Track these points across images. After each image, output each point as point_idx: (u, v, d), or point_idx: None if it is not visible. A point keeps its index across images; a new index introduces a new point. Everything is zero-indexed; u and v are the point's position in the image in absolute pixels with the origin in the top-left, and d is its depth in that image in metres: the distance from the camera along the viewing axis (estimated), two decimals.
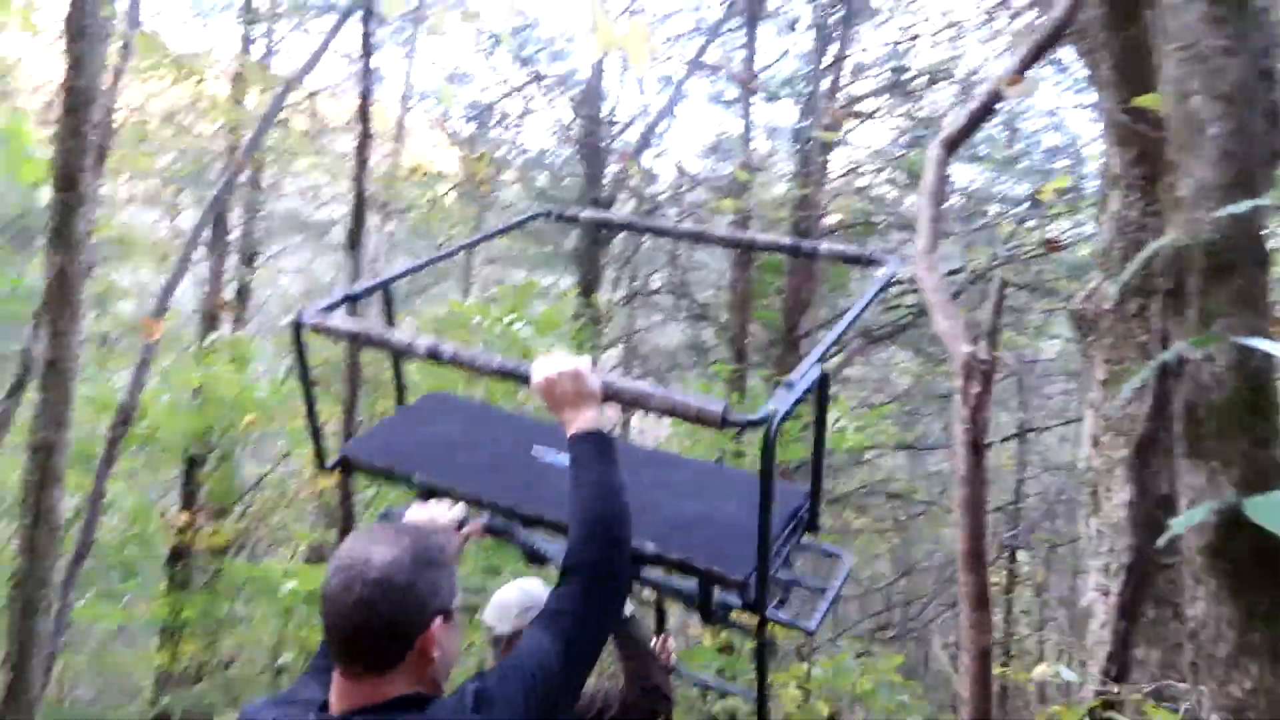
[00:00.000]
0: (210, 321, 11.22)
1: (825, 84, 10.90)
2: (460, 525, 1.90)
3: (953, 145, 1.52)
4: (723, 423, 1.63)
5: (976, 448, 1.28)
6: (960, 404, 1.30)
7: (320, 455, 2.24)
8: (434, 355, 1.84)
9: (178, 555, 8.68)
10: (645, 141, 12.28)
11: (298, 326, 1.99)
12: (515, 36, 11.60)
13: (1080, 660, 4.68)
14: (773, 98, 12.59)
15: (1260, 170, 1.39)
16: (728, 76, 10.28)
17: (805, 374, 1.75)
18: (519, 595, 2.62)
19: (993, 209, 11.18)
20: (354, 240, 4.15)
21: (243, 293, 12.33)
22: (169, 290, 4.02)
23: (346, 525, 3.66)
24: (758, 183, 12.33)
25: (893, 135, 11.77)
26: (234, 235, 11.87)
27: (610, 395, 1.76)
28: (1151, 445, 3.12)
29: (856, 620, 10.70)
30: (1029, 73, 1.50)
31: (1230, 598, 1.26)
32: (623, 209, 11.53)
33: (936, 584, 10.75)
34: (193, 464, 9.51)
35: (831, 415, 9.22)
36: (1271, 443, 1.30)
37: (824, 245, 2.74)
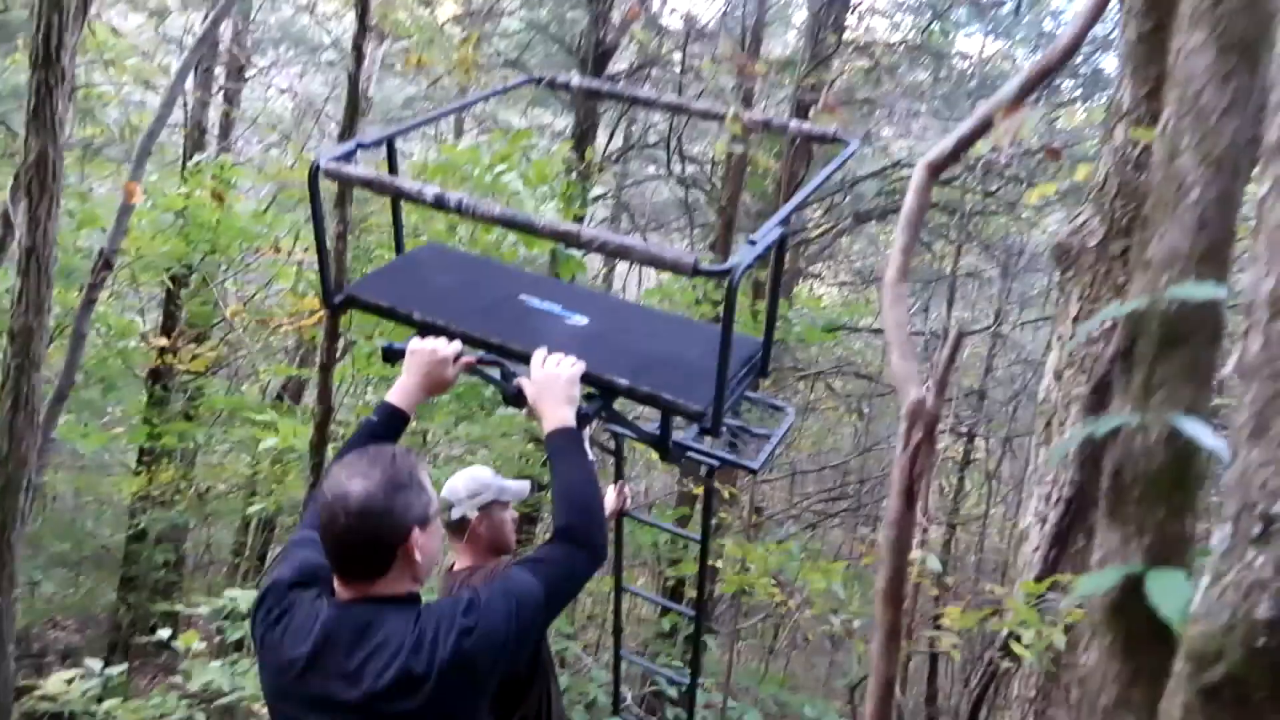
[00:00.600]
0: (198, 137, 10.92)
1: None
2: (456, 357, 2.15)
3: (937, 170, 1.50)
4: (693, 271, 1.85)
5: (910, 496, 1.34)
6: (899, 448, 1.36)
7: (328, 292, 2.42)
8: (439, 203, 2.01)
9: (156, 376, 8.79)
10: None
11: (314, 171, 2.15)
12: None
13: (1010, 578, 4.96)
14: None
15: (1231, 243, 1.40)
16: None
17: (767, 233, 1.99)
18: (467, 482, 2.85)
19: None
20: (358, 56, 3.99)
21: (230, 104, 11.95)
22: (150, 139, 3.90)
23: (328, 361, 3.73)
24: (770, 36, 11.86)
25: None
26: (223, 46, 11.38)
27: (596, 247, 1.98)
28: (1108, 388, 3.21)
29: (813, 495, 11.12)
30: (1028, 101, 1.47)
31: (1121, 655, 1.36)
32: (626, 55, 11.11)
33: (887, 467, 11.12)
34: (174, 285, 9.49)
35: (806, 293, 9.37)
36: (1185, 516, 1.36)
37: (793, 123, 2.95)
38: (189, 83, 10.58)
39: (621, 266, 12.66)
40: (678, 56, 10.04)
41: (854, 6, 10.30)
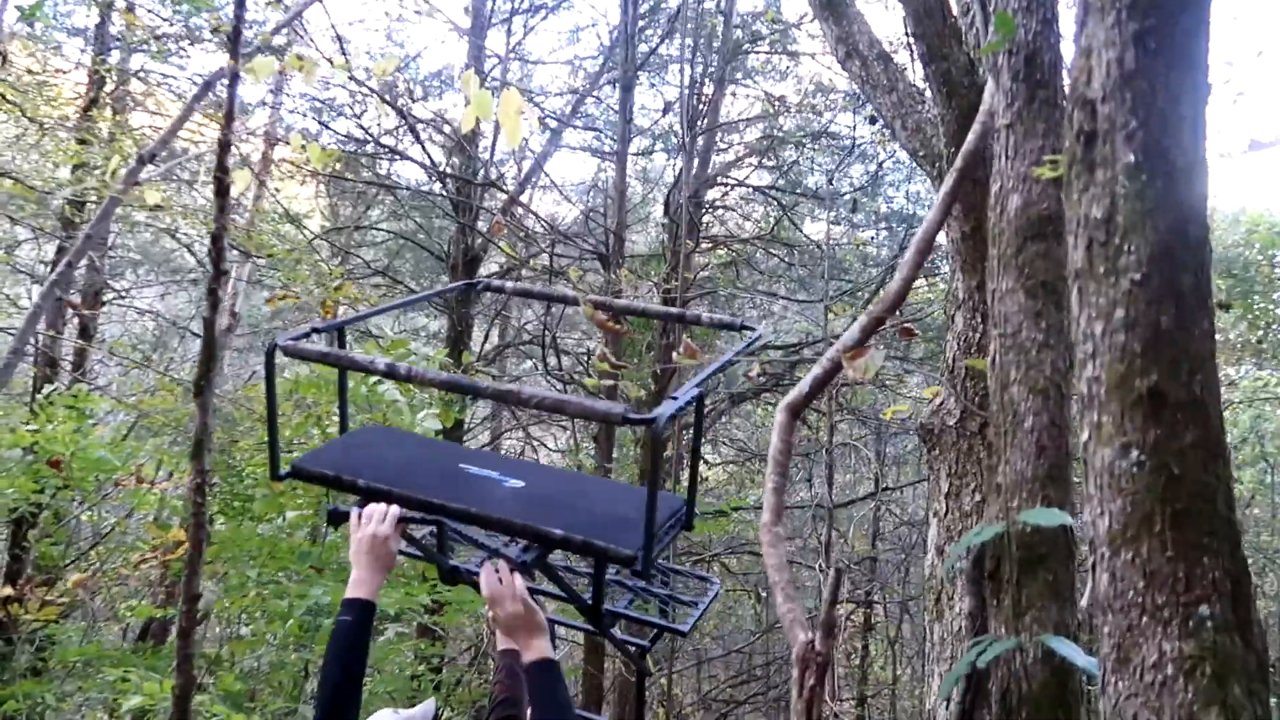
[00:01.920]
0: (50, 366, 10.47)
1: (700, 142, 11.16)
2: (399, 520, 2.27)
3: (796, 411, 1.59)
4: (622, 420, 2.03)
5: None
6: (794, 695, 1.36)
7: (275, 466, 2.59)
8: (391, 372, 2.20)
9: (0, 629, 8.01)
10: (521, 188, 12.26)
11: (271, 349, 2.34)
12: (391, 76, 11.37)
13: None
14: (646, 153, 12.81)
15: (1072, 463, 1.51)
16: None
17: (687, 391, 2.19)
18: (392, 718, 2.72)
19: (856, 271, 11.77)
20: (213, 301, 3.95)
21: (85, 331, 11.58)
22: (5, 374, 3.73)
23: (188, 626, 3.47)
24: (631, 234, 12.49)
25: (760, 197, 12.17)
26: (79, 273, 11.14)
27: (534, 404, 2.12)
28: (999, 578, 3.31)
29: (722, 681, 10.86)
30: (870, 344, 1.58)
31: None
32: (490, 264, 11.48)
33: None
34: (19, 525, 8.83)
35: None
36: None
37: (705, 314, 3.18)
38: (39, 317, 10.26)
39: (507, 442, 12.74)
40: (544, 259, 10.41)
41: (708, 206, 11.04)
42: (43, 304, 4.09)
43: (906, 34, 5.05)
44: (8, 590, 7.69)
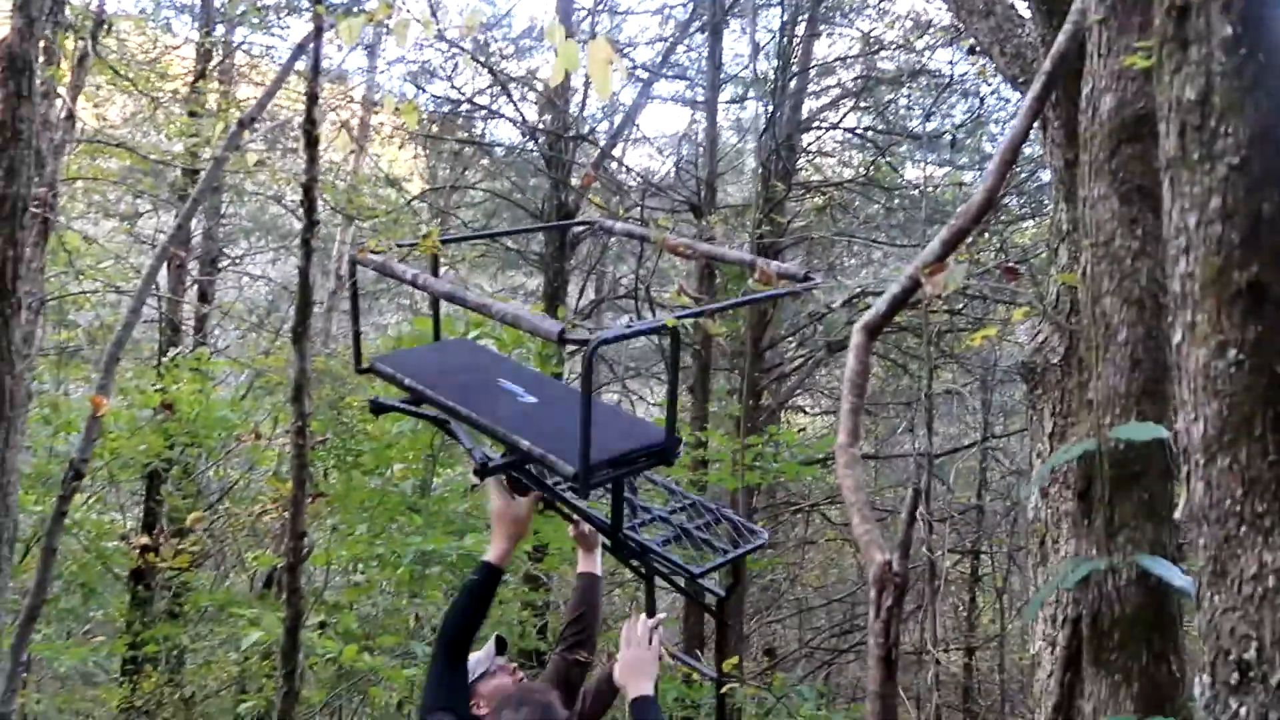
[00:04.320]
0: (172, 331, 11.05)
1: (792, 85, 10.89)
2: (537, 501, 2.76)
3: (874, 331, 1.54)
4: (559, 339, 2.14)
5: (889, 662, 1.31)
6: (871, 615, 1.33)
7: (358, 361, 2.94)
8: (413, 282, 2.53)
9: (139, 576, 8.59)
10: (613, 142, 12.21)
11: (353, 262, 2.71)
12: (481, 34, 11.44)
13: (1028, 707, 4.78)
14: (738, 100, 12.58)
15: (1169, 377, 1.42)
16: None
17: (645, 324, 2.37)
18: (473, 655, 2.87)
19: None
20: (307, 251, 4.08)
21: (204, 297, 12.15)
22: (118, 347, 3.96)
23: (294, 560, 3.64)
24: (724, 184, 12.34)
25: (856, 141, 11.83)
26: (195, 240, 11.69)
27: (496, 315, 2.34)
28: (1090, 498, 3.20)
29: (825, 630, 10.83)
30: (949, 261, 1.52)
31: None
32: (586, 216, 11.50)
33: None
34: (152, 480, 9.40)
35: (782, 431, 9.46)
36: (1170, 658, 1.33)
37: (773, 264, 3.30)
38: (162, 281, 10.82)
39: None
40: (636, 212, 10.39)
41: (802, 150, 10.79)
42: (156, 265, 4.30)
43: None
44: (145, 540, 8.22)
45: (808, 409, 12.43)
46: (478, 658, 2.97)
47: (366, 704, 7.33)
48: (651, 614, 3.37)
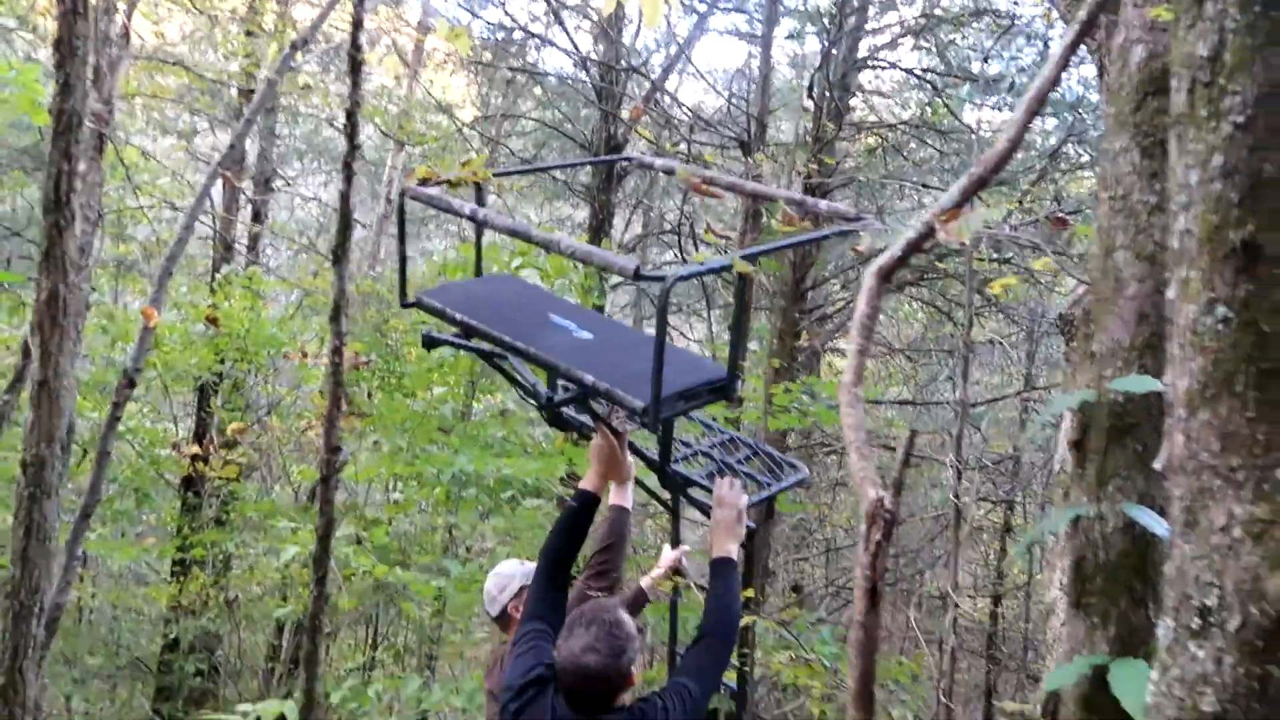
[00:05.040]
0: (225, 249, 11.28)
1: (851, 21, 10.62)
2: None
3: (887, 275, 1.57)
4: (635, 276, 2.18)
5: (873, 594, 1.37)
6: (860, 549, 1.39)
7: (403, 294, 2.97)
8: (472, 216, 2.53)
9: (189, 483, 8.94)
10: (665, 75, 12.05)
11: (403, 194, 2.70)
12: None
13: (1041, 654, 4.83)
14: (795, 36, 12.29)
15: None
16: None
17: (714, 263, 2.39)
18: (496, 581, 3.14)
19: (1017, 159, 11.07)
20: (348, 174, 4.14)
21: (257, 216, 12.36)
22: (171, 261, 4.09)
23: (328, 474, 3.78)
24: (776, 121, 12.14)
25: (914, 82, 11.54)
26: (250, 160, 11.84)
27: (567, 252, 2.36)
28: (1085, 447, 3.23)
29: (850, 571, 10.93)
30: (966, 209, 1.53)
31: None
32: (634, 149, 11.43)
33: (923, 539, 10.98)
34: (203, 393, 9.71)
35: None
36: (1148, 604, 1.37)
37: (824, 203, 3.23)
38: (217, 198, 11.02)
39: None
40: (683, 147, 10.29)
41: (857, 89, 10.57)
42: (209, 182, 4.40)
43: None
44: (195, 449, 8.54)
45: (849, 354, 12.37)
46: (525, 570, 3.11)
47: (400, 615, 7.63)
48: (676, 545, 3.48)
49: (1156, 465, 1.17)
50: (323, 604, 3.19)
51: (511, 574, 3.14)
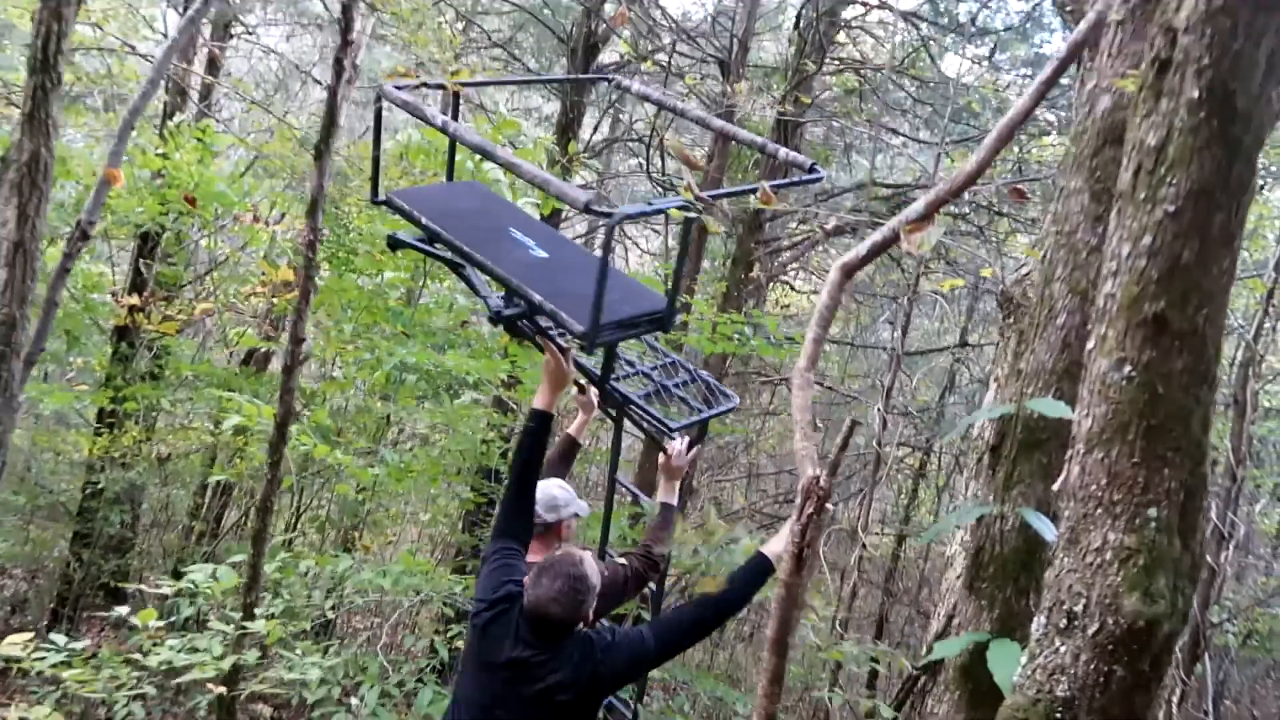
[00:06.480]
0: (179, 96, 10.87)
1: None
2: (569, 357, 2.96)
3: (849, 272, 1.71)
4: (584, 208, 2.27)
5: (800, 559, 1.55)
6: (793, 519, 1.56)
7: (375, 191, 3.03)
8: (443, 128, 2.56)
9: (123, 333, 8.83)
10: None
11: (379, 95, 2.77)
12: None
13: (939, 595, 5.21)
14: None
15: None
16: None
17: (662, 204, 2.47)
18: (567, 496, 3.20)
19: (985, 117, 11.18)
20: (338, 70, 4.10)
21: (213, 66, 11.88)
22: (134, 114, 4.00)
23: (291, 364, 3.86)
24: (758, 43, 12.00)
25: (900, 23, 11.47)
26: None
27: (526, 176, 2.43)
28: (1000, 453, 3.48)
29: (770, 496, 11.38)
30: (932, 220, 1.67)
31: (966, 708, 1.58)
32: (609, 54, 11.24)
33: (840, 475, 11.42)
34: (144, 242, 9.51)
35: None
36: (1030, 596, 1.59)
37: (782, 150, 3.41)
38: (173, 34, 10.53)
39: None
40: (663, 57, 10.16)
41: (843, 24, 10.49)
42: (180, 37, 4.29)
43: None
44: (134, 299, 8.42)
45: (799, 288, 12.60)
46: (566, 498, 3.19)
47: (326, 488, 7.77)
48: (616, 455, 3.67)
49: (1055, 488, 1.35)
50: (276, 486, 3.31)
51: (574, 499, 3.22)
